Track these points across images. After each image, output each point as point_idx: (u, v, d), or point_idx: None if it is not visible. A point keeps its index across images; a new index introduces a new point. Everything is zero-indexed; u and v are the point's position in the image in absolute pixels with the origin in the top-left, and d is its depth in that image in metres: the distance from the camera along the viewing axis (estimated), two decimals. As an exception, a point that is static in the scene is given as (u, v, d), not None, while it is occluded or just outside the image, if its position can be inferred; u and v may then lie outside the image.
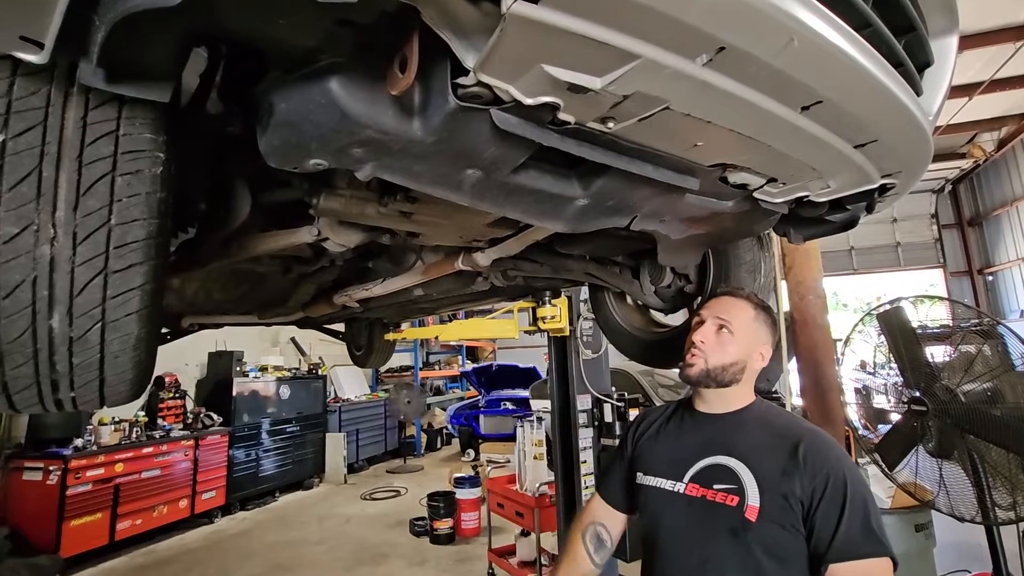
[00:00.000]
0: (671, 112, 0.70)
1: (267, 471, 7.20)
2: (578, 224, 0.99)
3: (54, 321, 0.66)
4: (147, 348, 0.76)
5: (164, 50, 0.53)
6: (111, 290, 0.67)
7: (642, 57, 0.58)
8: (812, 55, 0.63)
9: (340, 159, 0.74)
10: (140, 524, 5.43)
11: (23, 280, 0.62)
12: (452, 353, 12.53)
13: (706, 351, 1.27)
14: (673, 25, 0.55)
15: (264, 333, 7.58)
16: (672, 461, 1.30)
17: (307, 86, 0.64)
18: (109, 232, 0.65)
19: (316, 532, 6.00)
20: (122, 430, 5.55)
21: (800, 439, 1.19)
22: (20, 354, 0.66)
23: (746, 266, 1.60)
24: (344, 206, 1.00)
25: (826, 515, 1.10)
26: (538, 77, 0.61)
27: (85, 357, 0.70)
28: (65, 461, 4.84)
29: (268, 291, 1.97)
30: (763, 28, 0.57)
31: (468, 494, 5.60)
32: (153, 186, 0.68)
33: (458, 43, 0.57)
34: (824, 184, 1.04)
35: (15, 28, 0.50)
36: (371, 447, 9.25)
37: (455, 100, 0.63)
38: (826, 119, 0.78)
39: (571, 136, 0.74)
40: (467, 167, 0.77)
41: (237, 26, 0.50)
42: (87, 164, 0.63)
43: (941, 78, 0.97)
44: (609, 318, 2.03)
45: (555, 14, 0.52)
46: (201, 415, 6.47)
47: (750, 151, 0.87)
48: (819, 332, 2.96)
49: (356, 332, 3.87)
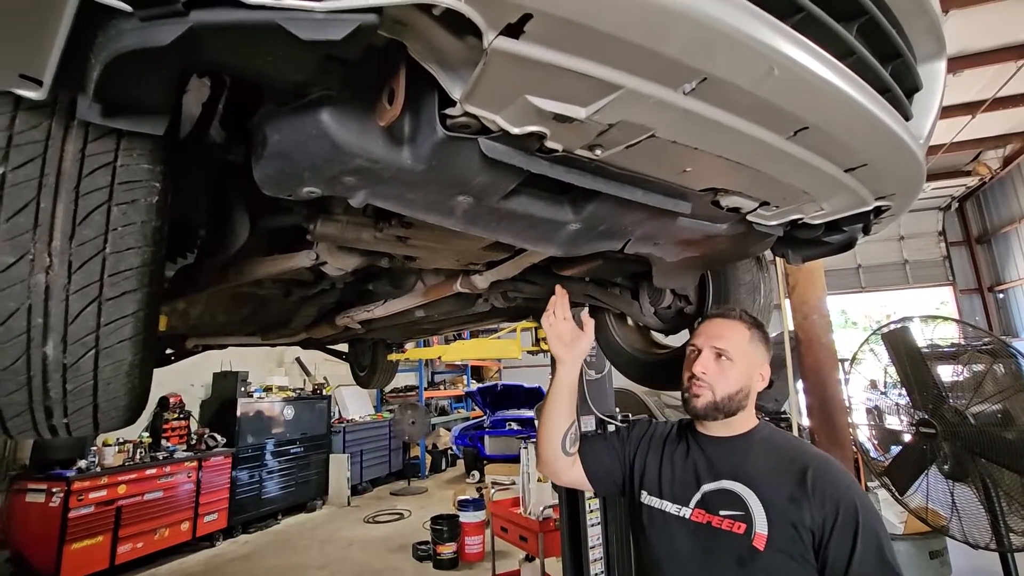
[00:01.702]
0: (657, 139, 0.71)
1: (270, 493, 7.14)
2: (571, 248, 1.00)
3: (48, 348, 0.66)
4: (140, 374, 0.76)
5: (157, 86, 0.55)
6: (105, 317, 0.68)
7: (624, 88, 0.59)
8: (795, 84, 0.64)
9: (333, 187, 0.75)
10: (141, 547, 5.38)
11: (18, 308, 0.63)
12: (457, 373, 12.48)
13: (711, 382, 1.23)
14: (653, 57, 0.56)
15: (269, 353, 7.59)
16: (677, 483, 1.27)
17: (299, 118, 0.65)
18: (104, 260, 0.66)
19: (318, 556, 5.91)
20: (126, 451, 5.54)
21: (808, 465, 1.16)
22: (14, 381, 0.67)
23: (745, 287, 1.59)
24: (341, 231, 1.01)
25: (839, 547, 1.07)
26: (523, 107, 0.62)
27: (78, 384, 0.70)
28: (68, 483, 4.82)
29: (271, 313, 1.98)
30: (743, 59, 0.58)
31: (472, 517, 5.51)
32: (148, 215, 0.69)
33: (444, 76, 0.58)
34: (818, 207, 1.04)
35: (15, 67, 0.52)
36: (375, 468, 9.16)
37: (443, 130, 0.64)
38: (814, 145, 0.79)
39: (560, 163, 0.76)
40: (458, 194, 0.79)
41: (227, 63, 0.52)
42: (84, 194, 0.65)
43: (930, 102, 0.98)
44: (610, 339, 2.02)
45: (536, 48, 0.53)
46: (205, 436, 6.45)
47: (741, 176, 0.88)
48: (824, 351, 2.93)
49: (360, 353, 3.87)
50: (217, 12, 0.45)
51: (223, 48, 0.48)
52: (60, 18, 0.45)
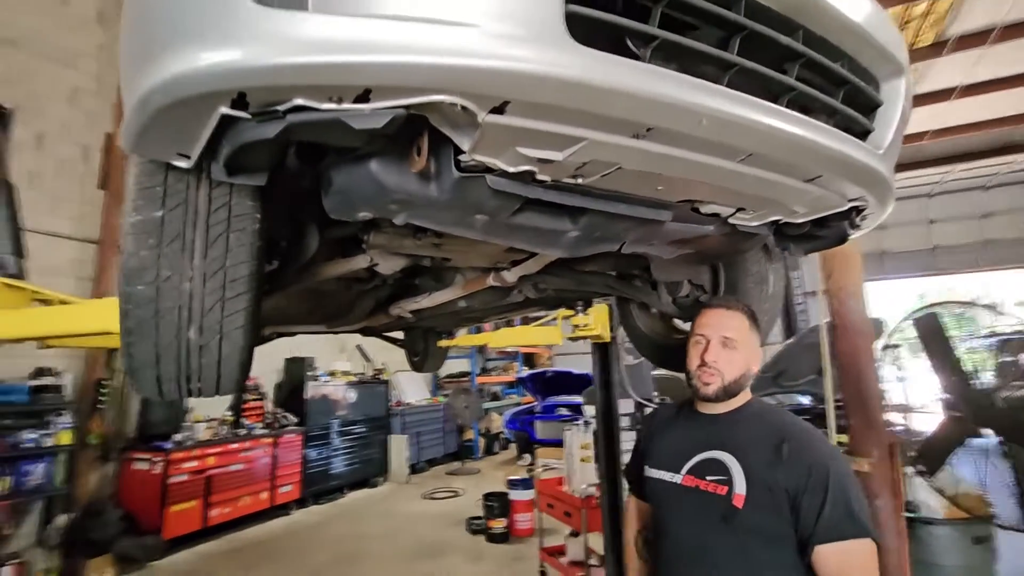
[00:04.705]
0: (625, 170, 0.91)
1: (336, 469, 7.76)
2: (575, 250, 1.20)
3: (191, 333, 0.95)
4: (248, 354, 1.05)
5: (263, 157, 0.81)
6: (226, 312, 0.96)
7: (587, 139, 0.80)
8: (726, 126, 0.82)
9: (381, 212, 1.00)
10: (228, 512, 6.06)
11: (174, 307, 0.92)
12: (509, 359, 12.81)
13: (721, 369, 1.40)
14: (604, 119, 0.76)
15: (333, 341, 8.17)
16: (673, 455, 1.47)
17: (355, 166, 0.90)
18: (225, 272, 0.94)
19: (380, 527, 6.41)
20: (213, 427, 6.23)
21: (786, 435, 1.33)
22: (169, 356, 0.97)
23: (752, 277, 1.73)
24: (388, 240, 1.27)
25: (810, 502, 1.24)
26: (515, 154, 0.84)
27: (209, 359, 0.99)
28: (167, 454, 5.52)
29: (334, 304, 2.30)
30: (674, 115, 0.77)
31: (521, 495, 5.81)
32: (253, 238, 0.97)
33: (456, 136, 0.81)
34: (791, 210, 1.20)
35: (175, 148, 0.79)
36: (431, 449, 9.69)
37: (457, 172, 0.87)
38: (763, 165, 0.96)
39: (553, 189, 0.97)
40: (476, 214, 1.01)
41: (307, 139, 0.76)
42: (211, 226, 0.93)
43: (892, 115, 1.11)
44: (634, 326, 2.20)
45: (516, 119, 0.75)
46: (279, 415, 7.10)
47: (707, 192, 1.05)
48: (861, 339, 2.95)
49: (413, 339, 4.20)
50: (304, 114, 0.70)
51: (306, 133, 0.73)
52: (208, 123, 0.71)
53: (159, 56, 0.67)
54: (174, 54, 0.66)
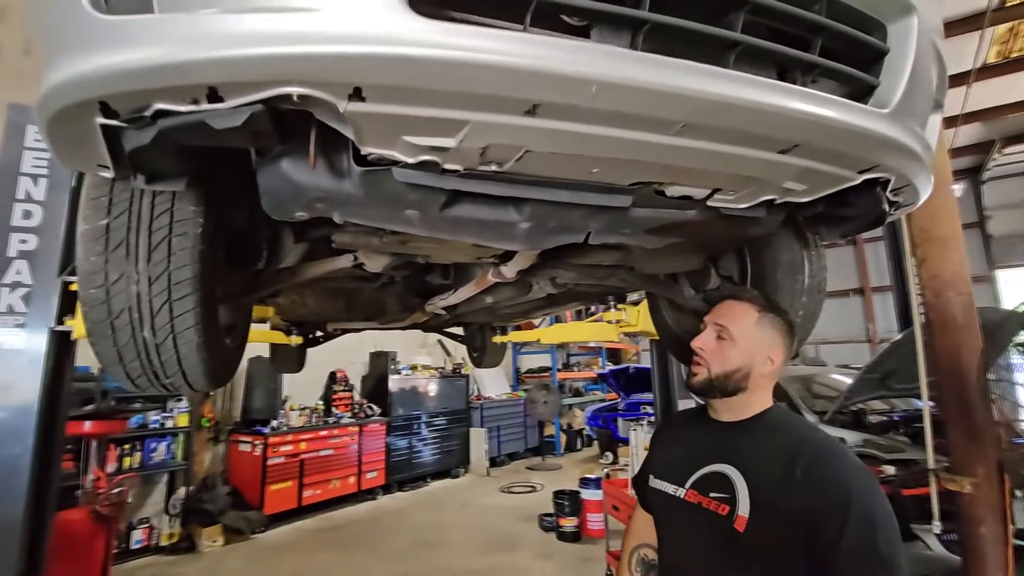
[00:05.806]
0: (537, 153, 0.82)
1: (419, 458, 8.13)
2: (534, 243, 1.12)
3: (145, 333, 1.02)
4: (208, 350, 1.10)
5: (165, 162, 0.83)
6: (175, 312, 1.02)
7: (471, 121, 0.73)
8: (631, 93, 0.71)
9: (312, 211, 0.99)
10: (319, 494, 6.58)
11: (124, 308, 0.99)
12: (592, 355, 12.60)
13: (707, 359, 1.27)
14: (476, 97, 0.68)
15: (414, 336, 8.50)
16: (678, 466, 1.33)
17: (271, 167, 0.90)
18: (169, 275, 0.99)
19: (459, 517, 6.61)
20: (306, 415, 6.79)
21: (802, 452, 1.14)
22: (130, 354, 1.04)
23: (783, 267, 1.51)
24: (353, 239, 1.27)
25: (826, 532, 1.04)
26: (406, 144, 0.79)
27: (167, 356, 1.06)
28: (265, 437, 6.11)
29: (362, 302, 2.39)
30: (556, 86, 0.68)
31: (594, 495, 5.64)
32: (195, 241, 1.01)
33: (341, 128, 0.77)
34: (782, 188, 1.02)
35: (92, 160, 0.84)
36: (512, 443, 9.80)
37: (358, 166, 0.84)
38: (711, 137, 0.81)
39: (473, 179, 0.90)
40: (403, 208, 0.98)
41: (192, 142, 0.77)
42: (154, 231, 0.98)
43: (901, 64, 0.90)
44: (662, 320, 2.03)
45: (381, 106, 0.70)
46: (364, 406, 7.58)
47: (659, 172, 0.92)
48: (963, 335, 2.49)
49: (471, 335, 4.26)
50: (170, 118, 0.70)
51: (183, 135, 0.73)
52: (96, 132, 0.74)
53: (41, 72, 0.71)
54: (46, 69, 0.69)
